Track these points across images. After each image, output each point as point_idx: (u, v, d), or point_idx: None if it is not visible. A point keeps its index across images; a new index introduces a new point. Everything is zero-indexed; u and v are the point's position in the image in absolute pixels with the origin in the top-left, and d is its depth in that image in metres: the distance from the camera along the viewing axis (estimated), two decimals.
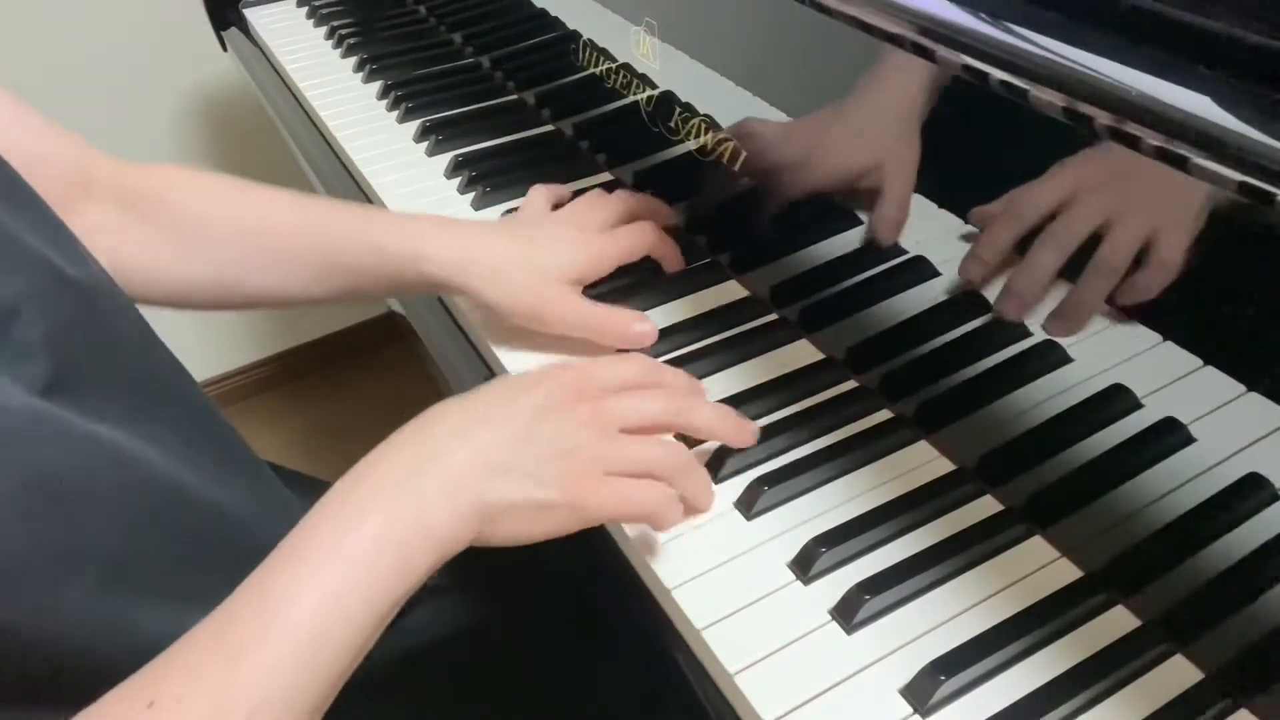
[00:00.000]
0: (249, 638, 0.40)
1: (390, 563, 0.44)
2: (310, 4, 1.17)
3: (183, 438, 0.53)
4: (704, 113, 0.70)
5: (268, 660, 0.40)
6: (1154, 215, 0.43)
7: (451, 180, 0.84)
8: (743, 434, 0.55)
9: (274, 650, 0.40)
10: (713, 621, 0.48)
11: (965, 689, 0.45)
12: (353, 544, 0.43)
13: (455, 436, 0.47)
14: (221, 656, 0.40)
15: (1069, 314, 0.49)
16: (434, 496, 0.45)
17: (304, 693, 0.41)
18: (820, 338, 0.64)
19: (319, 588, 0.42)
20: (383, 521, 0.44)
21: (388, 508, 0.44)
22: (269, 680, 0.40)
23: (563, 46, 0.84)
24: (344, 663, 0.43)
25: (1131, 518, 0.48)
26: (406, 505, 0.44)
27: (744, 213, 0.70)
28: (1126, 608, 0.48)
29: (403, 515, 0.44)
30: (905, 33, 0.47)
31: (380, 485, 0.46)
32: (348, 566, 0.43)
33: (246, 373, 1.79)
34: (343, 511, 0.45)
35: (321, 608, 0.42)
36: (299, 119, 1.01)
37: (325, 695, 0.42)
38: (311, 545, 0.44)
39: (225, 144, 1.57)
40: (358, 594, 0.43)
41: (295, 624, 0.41)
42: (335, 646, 0.42)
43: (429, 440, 0.48)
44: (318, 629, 0.41)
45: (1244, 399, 0.43)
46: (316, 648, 0.41)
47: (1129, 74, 0.39)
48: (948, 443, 0.56)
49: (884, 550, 0.51)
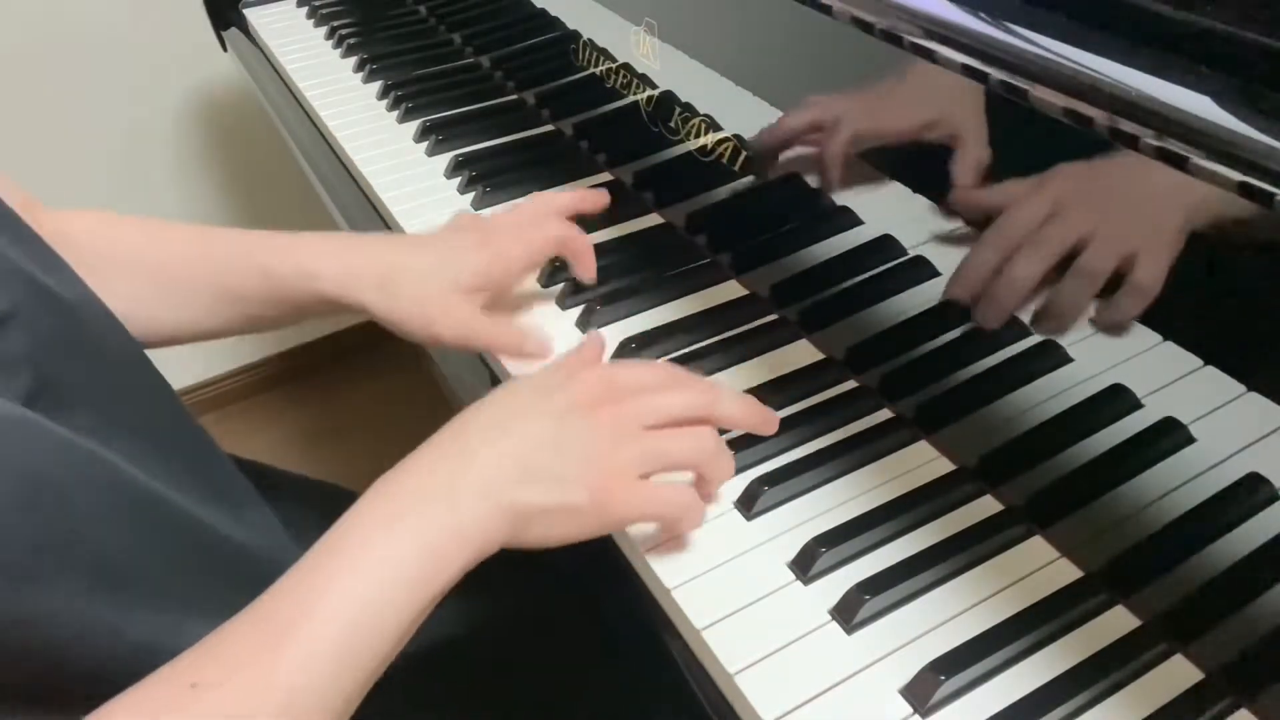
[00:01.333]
0: (289, 628, 0.42)
1: (426, 562, 0.45)
2: (310, 4, 1.17)
3: (164, 453, 0.54)
4: (704, 113, 0.70)
5: (306, 650, 0.41)
6: (1150, 217, 0.43)
7: (451, 180, 0.84)
8: (769, 422, 0.55)
9: (313, 641, 0.42)
10: (713, 621, 0.48)
11: (965, 689, 0.45)
12: (390, 544, 0.44)
13: (488, 444, 0.48)
14: (262, 644, 0.42)
15: (1059, 314, 0.49)
16: (469, 501, 0.46)
17: (339, 684, 0.42)
18: (820, 338, 0.64)
19: (357, 584, 0.43)
20: (420, 523, 0.45)
21: (425, 510, 0.46)
22: (307, 670, 0.41)
23: (563, 46, 0.84)
24: (379, 657, 0.44)
25: (1131, 518, 0.48)
26: (442, 508, 0.46)
27: (744, 212, 0.70)
28: (1126, 608, 0.48)
29: (439, 518, 0.45)
30: (905, 33, 0.47)
31: (418, 489, 0.47)
32: (385, 565, 0.44)
33: (246, 373, 1.79)
34: (382, 512, 0.46)
35: (359, 603, 0.43)
36: (299, 119, 1.01)
37: (359, 689, 0.43)
38: (352, 543, 0.45)
39: (225, 144, 1.57)
40: (394, 592, 0.44)
41: (334, 617, 0.42)
42: (371, 641, 0.43)
43: (465, 445, 0.49)
44: (355, 623, 0.43)
45: (1244, 399, 0.43)
46: (353, 641, 0.42)
47: (1129, 74, 0.39)
48: (948, 443, 0.56)
49: (884, 550, 0.51)
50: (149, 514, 0.50)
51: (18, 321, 0.48)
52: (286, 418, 1.77)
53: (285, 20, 1.16)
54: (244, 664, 0.41)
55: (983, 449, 0.54)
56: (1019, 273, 0.50)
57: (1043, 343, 0.51)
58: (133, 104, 1.46)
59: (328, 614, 0.42)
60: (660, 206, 0.78)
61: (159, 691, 0.41)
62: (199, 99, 1.51)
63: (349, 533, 0.46)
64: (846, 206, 0.61)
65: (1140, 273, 0.44)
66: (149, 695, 0.41)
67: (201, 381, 1.74)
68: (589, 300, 0.68)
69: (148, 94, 1.47)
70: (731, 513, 0.54)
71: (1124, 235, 0.44)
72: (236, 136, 1.57)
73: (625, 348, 0.64)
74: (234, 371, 1.77)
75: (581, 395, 0.50)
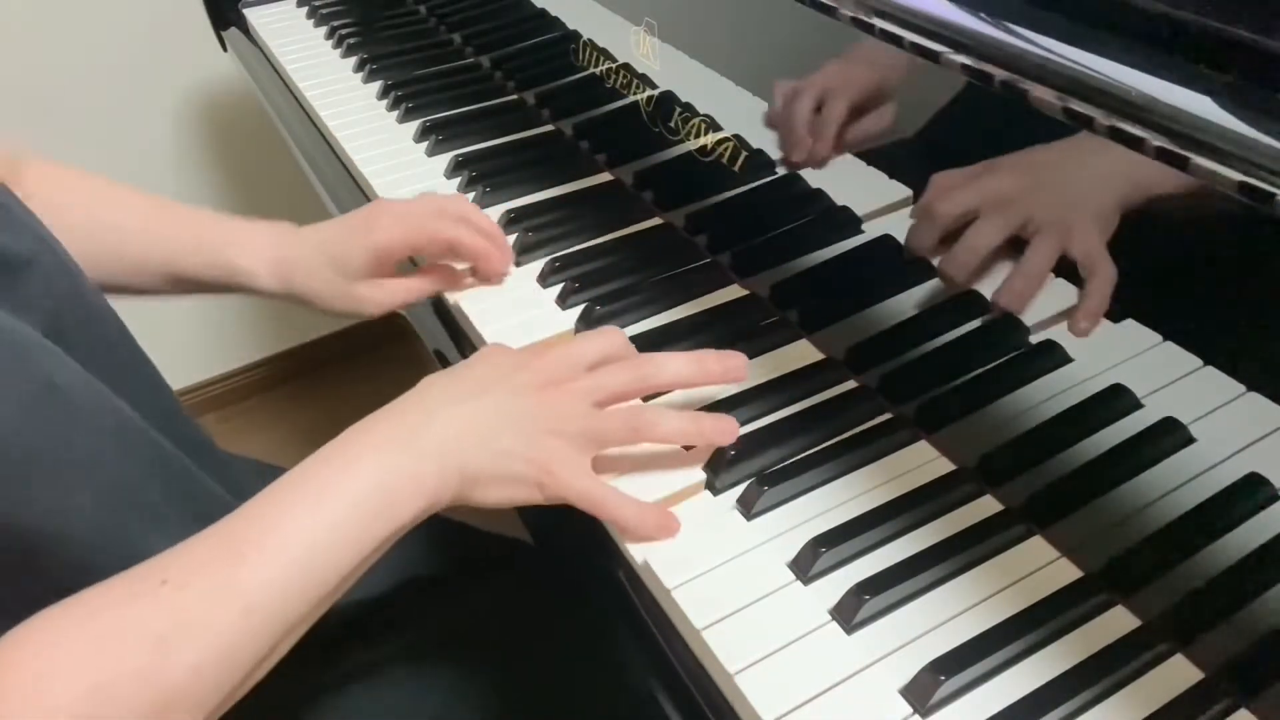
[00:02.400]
0: (251, 545, 0.46)
1: (381, 505, 0.49)
2: (310, 4, 1.17)
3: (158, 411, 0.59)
4: (704, 113, 0.70)
5: (265, 567, 0.45)
6: (1145, 211, 0.43)
7: (452, 180, 0.84)
8: (710, 373, 0.57)
9: (272, 559, 0.46)
10: (713, 621, 0.48)
11: (965, 689, 0.45)
12: (351, 484, 0.49)
13: (449, 406, 0.53)
14: (226, 557, 0.45)
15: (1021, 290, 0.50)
16: (428, 455, 0.51)
17: (290, 603, 0.46)
18: (820, 338, 0.64)
19: (317, 515, 0.47)
20: (380, 469, 0.49)
21: (386, 459, 0.50)
22: (263, 585, 0.45)
23: (563, 46, 0.84)
24: (328, 586, 0.47)
25: (1131, 518, 0.48)
26: (404, 459, 0.50)
27: (744, 212, 0.70)
28: (1126, 608, 0.48)
29: (399, 467, 0.50)
30: (905, 33, 0.48)
31: (382, 438, 0.51)
32: (343, 502, 0.48)
33: (246, 373, 1.78)
34: (347, 454, 0.50)
35: (316, 532, 0.47)
36: (299, 119, 1.01)
37: (307, 613, 0.47)
38: (318, 478, 0.49)
39: (225, 144, 1.57)
40: (349, 527, 0.48)
41: (293, 542, 0.46)
42: (323, 569, 0.47)
43: (429, 407, 0.53)
44: (311, 551, 0.47)
45: (1244, 399, 0.43)
46: (307, 566, 0.46)
47: (1129, 74, 0.39)
48: (948, 443, 0.56)
49: (884, 550, 0.51)
50: (156, 451, 0.55)
51: (39, 269, 0.53)
52: (286, 418, 1.77)
53: (285, 20, 1.16)
54: (211, 570, 0.45)
55: (983, 449, 0.54)
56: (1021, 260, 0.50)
57: (1043, 343, 0.51)
58: (132, 104, 1.46)
59: (288, 541, 0.46)
60: (660, 207, 0.78)
61: (132, 584, 0.44)
62: (199, 99, 1.51)
63: (320, 470, 0.50)
64: (846, 206, 0.61)
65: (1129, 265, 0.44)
66: (122, 586, 0.44)
67: (201, 381, 1.74)
68: (588, 300, 0.68)
69: (148, 94, 1.47)
70: (731, 513, 0.54)
71: (1118, 228, 0.44)
72: (236, 136, 1.57)
73: None
74: (234, 371, 1.77)
75: (538, 375, 0.55)
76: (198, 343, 1.71)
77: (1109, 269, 0.45)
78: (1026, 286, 0.50)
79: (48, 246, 0.56)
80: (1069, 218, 0.46)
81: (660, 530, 0.52)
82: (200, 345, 1.72)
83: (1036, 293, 0.50)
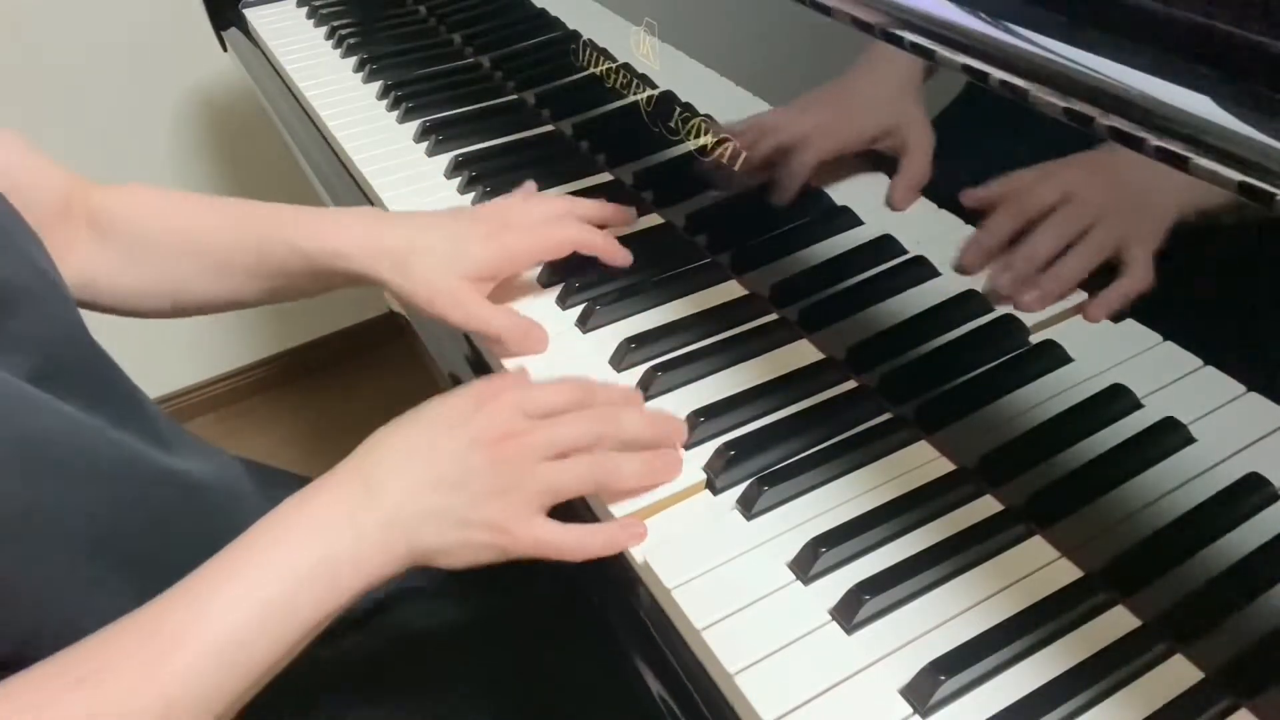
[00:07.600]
0: (180, 631, 0.44)
1: (320, 586, 0.47)
2: (310, 4, 1.17)
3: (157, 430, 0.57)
4: (704, 113, 0.70)
5: (194, 653, 0.43)
6: (1147, 213, 0.43)
7: (451, 180, 0.84)
8: (677, 434, 0.57)
9: (201, 645, 0.43)
10: (713, 621, 0.48)
11: (965, 689, 0.45)
12: (288, 563, 0.47)
13: (396, 472, 0.51)
14: (152, 645, 0.43)
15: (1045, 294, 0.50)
16: (370, 534, 0.48)
17: (221, 689, 0.44)
18: (820, 338, 0.64)
19: (251, 596, 0.45)
20: (320, 548, 0.47)
21: (327, 536, 0.48)
22: (191, 673, 0.43)
23: (563, 46, 0.84)
24: (262, 668, 0.46)
25: (1131, 518, 0.48)
26: (344, 537, 0.48)
27: (744, 212, 0.70)
28: (1126, 608, 0.48)
29: (339, 545, 0.48)
30: (905, 33, 0.48)
31: (322, 515, 0.49)
32: (281, 583, 0.46)
33: (246, 373, 1.78)
34: (285, 531, 0.48)
35: (250, 613, 0.45)
36: (299, 119, 1.01)
37: (240, 696, 0.45)
38: (251, 557, 0.47)
39: (225, 144, 1.57)
40: (286, 608, 0.46)
41: (225, 626, 0.44)
42: (257, 652, 0.45)
43: (372, 476, 0.51)
44: (244, 633, 0.45)
45: (1244, 399, 0.43)
46: (239, 650, 0.44)
47: (1129, 74, 0.39)
48: (948, 443, 0.56)
49: (884, 550, 0.51)
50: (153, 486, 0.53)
51: (30, 301, 0.51)
52: (286, 418, 1.77)
53: (285, 20, 1.16)
54: (133, 665, 0.42)
55: (983, 449, 0.54)
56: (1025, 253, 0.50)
57: (1043, 343, 0.51)
58: (132, 104, 1.46)
59: (219, 624, 0.44)
60: (660, 206, 0.78)
61: (47, 686, 0.42)
62: (199, 99, 1.51)
63: (252, 548, 0.47)
64: (847, 206, 0.61)
65: (1136, 267, 0.44)
66: (34, 684, 0.42)
67: (201, 381, 1.74)
68: (588, 300, 0.68)
69: (148, 94, 1.47)
70: (731, 513, 0.54)
71: (1123, 230, 0.44)
72: (236, 136, 1.57)
73: (625, 348, 0.64)
74: (234, 371, 1.77)
75: (487, 429, 0.52)
76: (198, 343, 1.71)
77: (1148, 277, 0.44)
78: (1059, 289, 0.49)
79: (48, 280, 0.54)
80: (1134, 227, 0.45)
81: (632, 539, 0.52)
82: (200, 345, 1.72)
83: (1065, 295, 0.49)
